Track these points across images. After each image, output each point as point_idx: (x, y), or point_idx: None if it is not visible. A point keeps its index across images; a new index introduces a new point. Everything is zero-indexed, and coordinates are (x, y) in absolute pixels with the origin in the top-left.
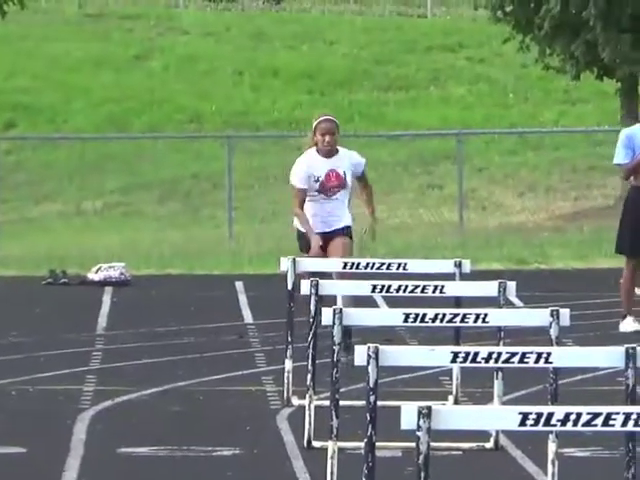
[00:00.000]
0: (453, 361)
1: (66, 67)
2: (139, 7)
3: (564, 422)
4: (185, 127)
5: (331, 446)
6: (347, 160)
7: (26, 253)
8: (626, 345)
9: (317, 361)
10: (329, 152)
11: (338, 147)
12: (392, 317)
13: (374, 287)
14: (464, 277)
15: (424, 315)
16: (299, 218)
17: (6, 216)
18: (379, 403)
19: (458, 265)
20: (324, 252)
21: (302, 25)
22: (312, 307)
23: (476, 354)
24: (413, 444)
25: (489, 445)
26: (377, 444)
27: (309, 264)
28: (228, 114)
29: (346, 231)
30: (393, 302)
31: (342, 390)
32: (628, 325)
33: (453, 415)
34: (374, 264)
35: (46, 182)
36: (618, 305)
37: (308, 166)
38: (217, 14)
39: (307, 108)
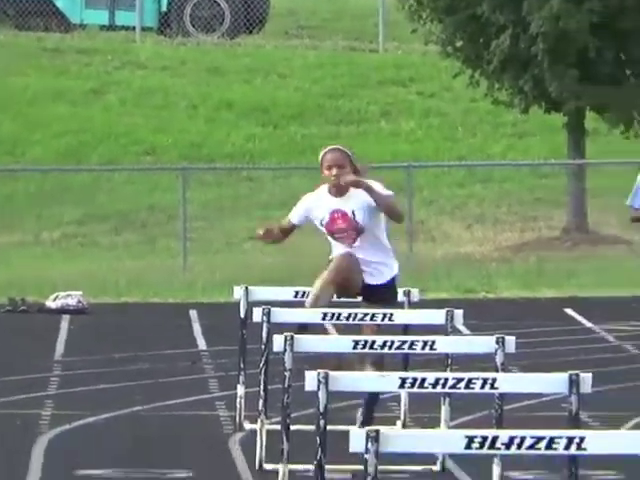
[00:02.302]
0: (401, 387)
1: (24, 100)
2: (96, 42)
3: (508, 445)
4: (141, 159)
5: (282, 469)
6: (361, 196)
7: None
8: (570, 372)
9: (269, 387)
10: (339, 189)
11: None
12: (342, 344)
13: (325, 315)
14: (413, 305)
15: (373, 342)
16: None
17: None
18: (329, 427)
19: (407, 294)
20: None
21: (256, 59)
22: (264, 334)
23: (423, 380)
24: (362, 467)
25: (436, 468)
26: (327, 467)
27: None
28: (183, 147)
29: (387, 291)
30: (343, 330)
31: (293, 415)
32: None
33: (400, 438)
34: None
35: (5, 213)
36: (561, 333)
37: (310, 205)
38: (173, 49)
39: (260, 141)
